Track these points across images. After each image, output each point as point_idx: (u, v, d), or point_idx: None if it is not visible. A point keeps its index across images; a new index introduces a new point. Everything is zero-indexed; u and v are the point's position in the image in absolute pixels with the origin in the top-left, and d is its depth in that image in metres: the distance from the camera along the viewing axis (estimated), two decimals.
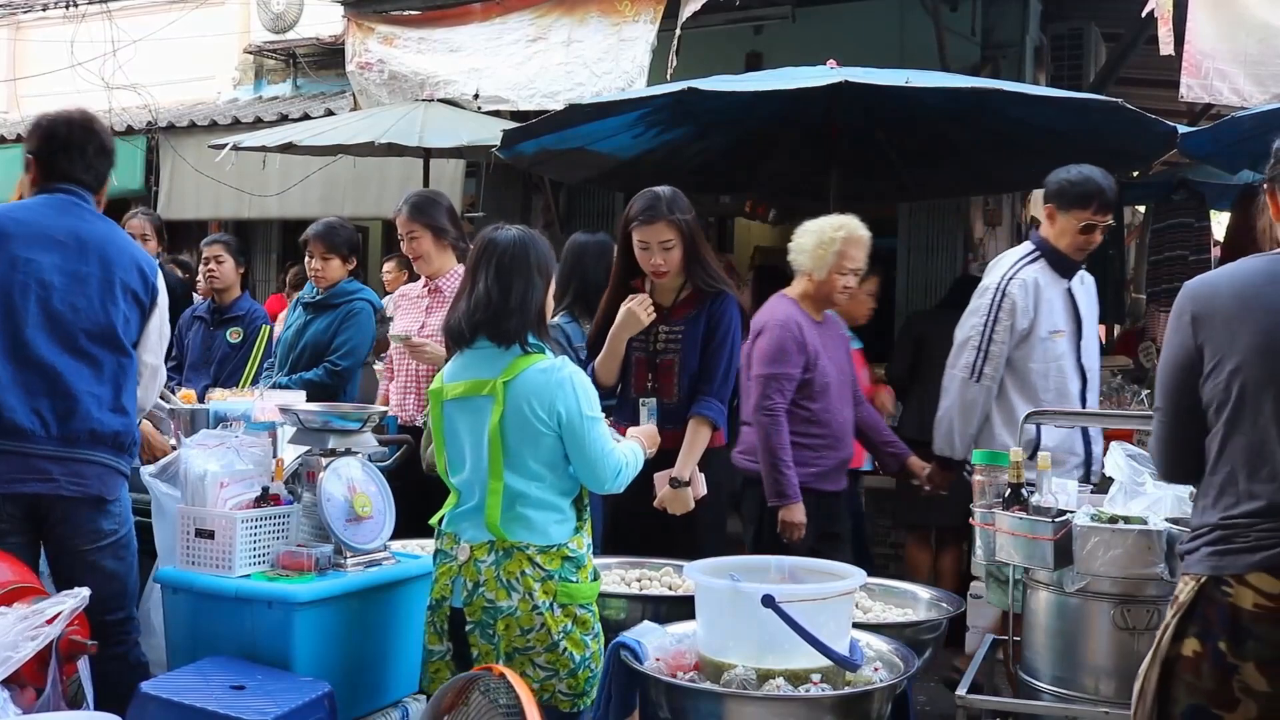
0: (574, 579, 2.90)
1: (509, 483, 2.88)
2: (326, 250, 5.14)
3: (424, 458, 4.13)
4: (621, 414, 3.96)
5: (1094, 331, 4.35)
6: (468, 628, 2.89)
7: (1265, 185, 2.41)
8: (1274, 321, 2.23)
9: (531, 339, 2.97)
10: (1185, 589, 2.27)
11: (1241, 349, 2.24)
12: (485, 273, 2.99)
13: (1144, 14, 5.37)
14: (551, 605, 2.85)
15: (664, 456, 3.69)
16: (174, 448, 3.72)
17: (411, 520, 3.40)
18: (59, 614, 2.64)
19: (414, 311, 4.59)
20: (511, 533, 2.88)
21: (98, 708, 2.80)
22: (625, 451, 3.05)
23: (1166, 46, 5.30)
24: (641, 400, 3.86)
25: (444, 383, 3.05)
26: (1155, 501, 2.96)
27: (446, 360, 4.22)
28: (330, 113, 9.01)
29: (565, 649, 2.86)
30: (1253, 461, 2.22)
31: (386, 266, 8.15)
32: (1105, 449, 3.62)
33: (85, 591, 2.76)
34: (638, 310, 3.81)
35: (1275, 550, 2.15)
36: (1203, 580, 2.23)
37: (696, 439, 3.79)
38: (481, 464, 2.91)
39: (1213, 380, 2.28)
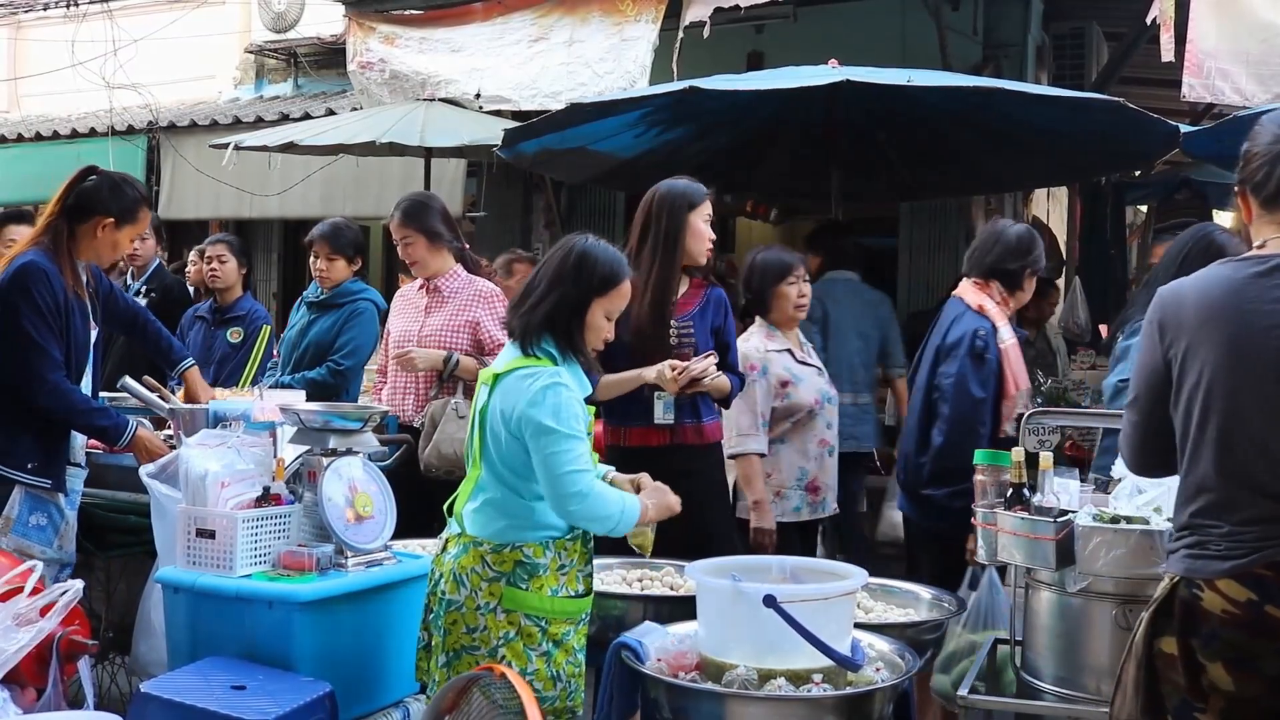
0: (523, 586, 2.76)
1: (482, 473, 2.85)
2: (332, 251, 5.14)
3: (422, 459, 4.12)
4: (634, 409, 3.91)
5: None
6: (431, 616, 2.89)
7: (1235, 188, 2.47)
8: (1236, 333, 2.29)
9: (545, 344, 2.85)
10: (1160, 586, 2.39)
11: (1207, 361, 2.31)
12: (542, 267, 2.97)
13: (1148, 20, 5.37)
14: (495, 608, 2.77)
15: (674, 451, 3.69)
16: (172, 448, 3.71)
17: (412, 520, 3.39)
18: (53, 605, 2.64)
19: (411, 312, 4.56)
20: (471, 525, 2.85)
21: (98, 708, 2.80)
22: (604, 489, 2.81)
23: (1168, 53, 5.30)
24: (657, 395, 3.83)
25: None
26: (1157, 500, 2.95)
27: (445, 362, 4.27)
28: (331, 112, 9.01)
29: (504, 657, 2.75)
30: (1223, 469, 2.30)
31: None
32: None
33: (78, 584, 2.78)
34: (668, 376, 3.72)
35: (1244, 559, 2.25)
36: (1176, 580, 2.34)
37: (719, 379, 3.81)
38: (472, 451, 2.90)
39: (1183, 390, 2.36)
